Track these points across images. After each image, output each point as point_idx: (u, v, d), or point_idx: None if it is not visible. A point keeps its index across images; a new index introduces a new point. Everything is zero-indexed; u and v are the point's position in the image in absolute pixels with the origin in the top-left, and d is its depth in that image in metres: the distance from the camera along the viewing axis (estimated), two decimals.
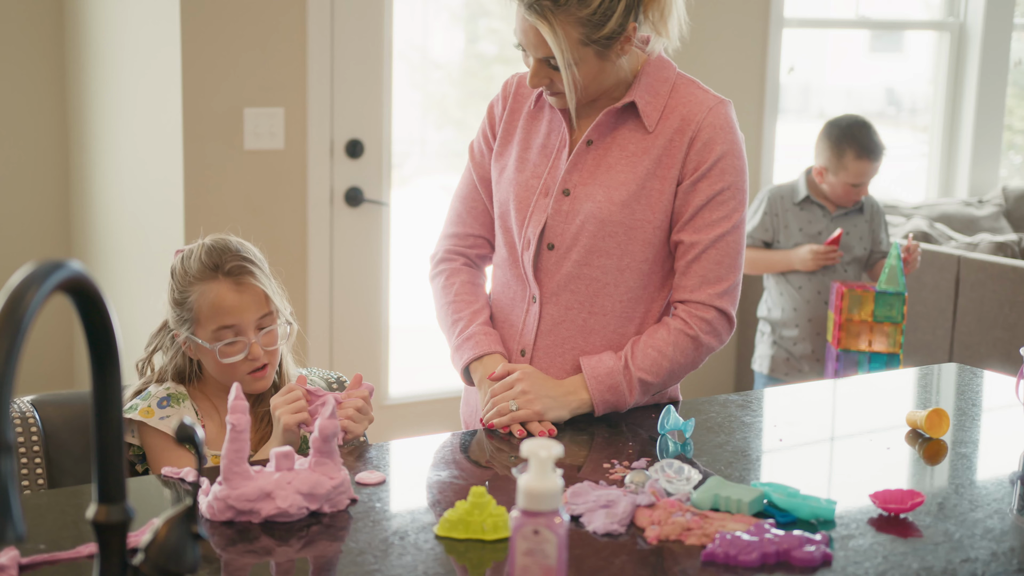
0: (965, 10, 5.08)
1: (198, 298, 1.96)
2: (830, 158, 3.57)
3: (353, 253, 3.82)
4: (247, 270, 1.99)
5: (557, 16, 1.90)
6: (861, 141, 3.55)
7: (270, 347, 2.00)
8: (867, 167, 3.54)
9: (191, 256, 2.00)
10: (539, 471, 1.30)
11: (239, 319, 1.96)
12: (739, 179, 2.03)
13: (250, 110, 3.60)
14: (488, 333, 2.10)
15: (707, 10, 4.32)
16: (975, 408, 2.19)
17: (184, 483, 1.73)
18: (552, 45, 1.91)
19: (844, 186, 3.57)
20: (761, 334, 3.73)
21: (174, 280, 2.01)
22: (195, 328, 1.97)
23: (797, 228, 3.59)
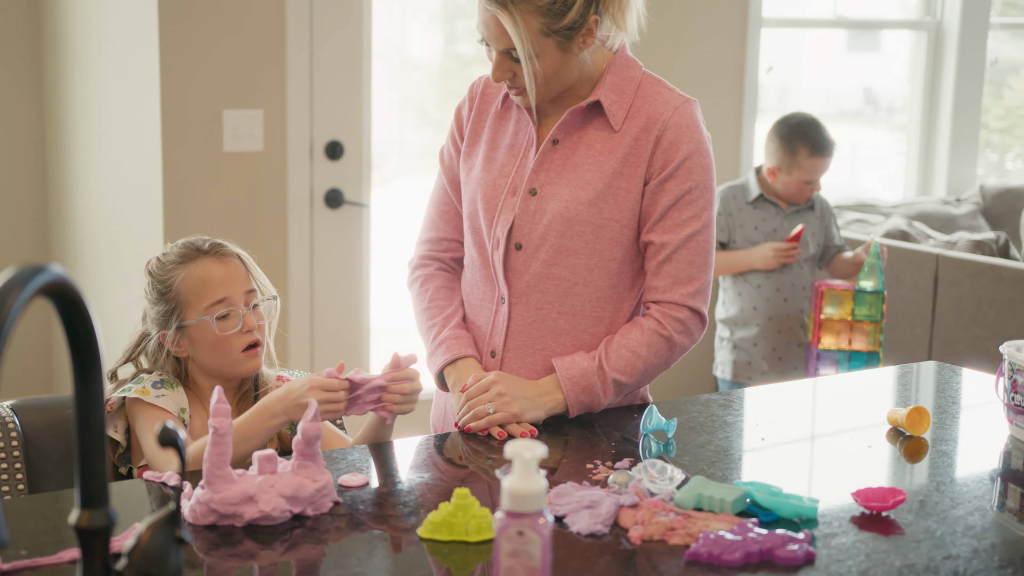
0: (942, 9, 5.11)
1: (183, 280, 1.98)
2: (782, 157, 3.58)
3: (333, 255, 3.81)
4: (225, 246, 2.05)
5: (517, 6, 1.90)
6: (813, 139, 3.56)
7: (260, 321, 2.02)
8: (820, 164, 3.56)
9: (167, 251, 2.05)
10: (523, 472, 1.30)
11: (228, 291, 1.99)
12: (706, 178, 2.03)
13: (229, 112, 3.59)
14: (460, 337, 2.11)
15: (686, 10, 4.33)
16: (955, 406, 2.20)
17: (166, 487, 1.72)
18: (512, 35, 1.91)
19: (798, 184, 3.59)
20: (720, 339, 3.74)
21: (153, 277, 2.02)
22: (184, 313, 1.98)
23: (752, 227, 3.60)
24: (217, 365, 2.00)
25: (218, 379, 2.01)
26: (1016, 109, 5.88)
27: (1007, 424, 2.03)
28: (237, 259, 2.04)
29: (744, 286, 3.62)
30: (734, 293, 3.66)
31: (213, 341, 1.98)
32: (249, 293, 2.02)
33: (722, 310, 3.71)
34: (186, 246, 2.03)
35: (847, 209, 4.62)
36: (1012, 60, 5.77)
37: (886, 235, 4.20)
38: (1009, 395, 2.00)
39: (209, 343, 1.99)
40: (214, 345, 1.98)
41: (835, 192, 4.93)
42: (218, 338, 1.98)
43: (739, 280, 3.63)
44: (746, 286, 3.62)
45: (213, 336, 1.98)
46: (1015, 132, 5.94)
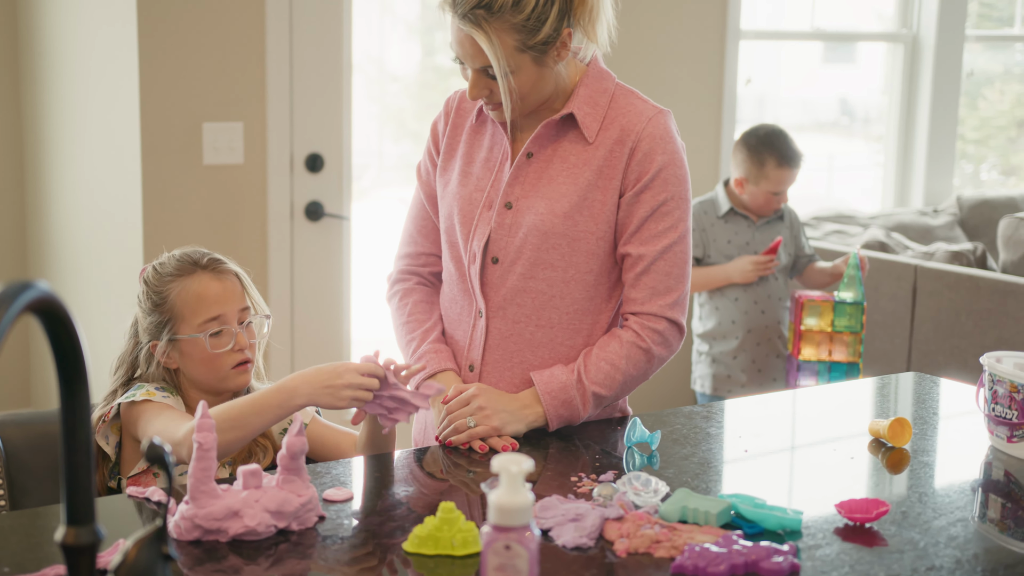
0: (918, 22, 5.15)
1: (179, 294, 1.98)
2: (750, 168, 3.60)
3: (314, 267, 3.81)
4: (224, 263, 2.05)
5: (491, 24, 1.90)
6: (780, 150, 3.58)
7: (252, 339, 2.03)
8: (787, 175, 3.58)
9: (164, 261, 2.04)
10: (510, 486, 1.30)
11: (223, 308, 1.99)
12: (681, 188, 2.03)
13: (209, 125, 3.59)
14: (439, 351, 2.11)
15: (665, 23, 4.35)
16: (935, 416, 2.22)
17: (150, 502, 1.72)
18: (488, 53, 1.91)
19: (765, 195, 3.60)
20: (699, 353, 3.75)
21: (148, 287, 2.02)
22: (177, 326, 1.98)
23: (725, 241, 3.62)
24: (206, 380, 2.01)
25: (206, 393, 2.01)
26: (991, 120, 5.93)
27: (987, 435, 2.04)
28: (234, 276, 2.04)
29: (721, 300, 3.63)
30: (711, 307, 3.67)
31: (204, 357, 1.98)
32: (243, 311, 2.02)
33: (699, 325, 3.72)
34: (184, 259, 2.02)
35: (826, 220, 4.64)
36: (987, 72, 5.81)
37: (865, 246, 4.23)
38: (989, 406, 2.01)
39: (200, 359, 1.99)
40: (204, 361, 1.98)
41: (812, 203, 4.96)
42: (209, 355, 1.98)
43: (716, 294, 3.64)
44: (723, 300, 3.63)
45: (204, 352, 1.98)
46: (990, 143, 5.98)
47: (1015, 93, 5.99)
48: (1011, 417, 1.96)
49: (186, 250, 2.05)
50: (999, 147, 6.05)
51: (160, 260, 2.05)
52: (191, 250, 2.05)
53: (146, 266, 2.06)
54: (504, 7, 1.89)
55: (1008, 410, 1.97)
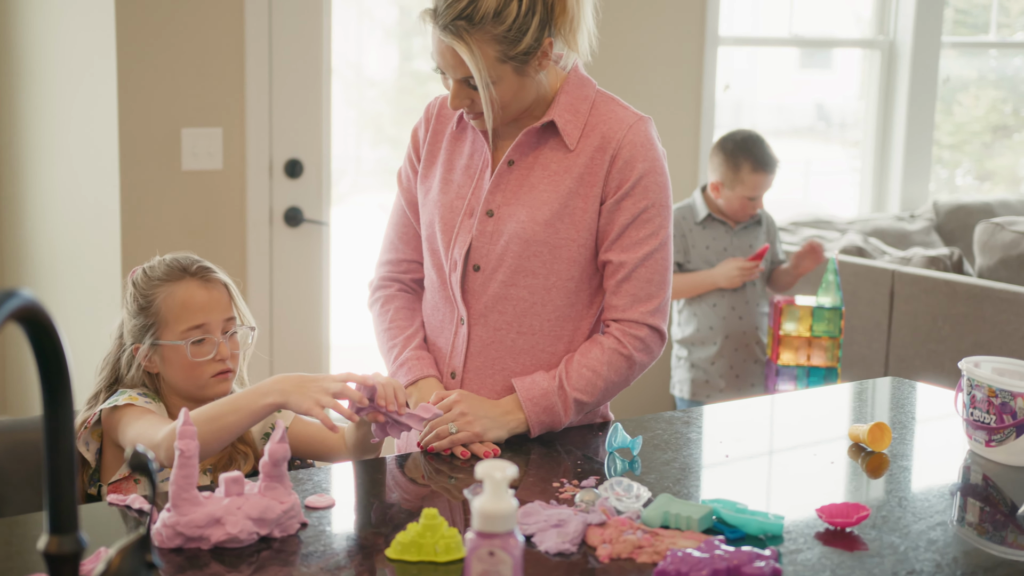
0: (895, 28, 5.18)
1: (165, 299, 1.98)
2: (726, 172, 3.61)
3: (293, 273, 3.80)
4: (213, 272, 2.04)
5: (473, 35, 1.90)
6: (756, 154, 3.59)
7: (235, 351, 2.03)
8: (763, 180, 3.59)
9: (154, 264, 2.04)
10: (494, 493, 1.30)
11: (208, 317, 1.99)
12: (662, 196, 2.04)
13: (188, 130, 3.58)
14: (421, 357, 2.11)
15: (644, 29, 4.36)
16: (914, 421, 2.23)
17: (131, 510, 1.71)
18: (470, 64, 1.91)
19: (740, 199, 3.61)
20: (678, 359, 3.76)
21: (136, 289, 2.02)
22: (160, 331, 1.98)
23: (704, 247, 3.63)
24: (186, 387, 2.01)
25: (186, 400, 2.01)
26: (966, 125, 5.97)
27: (966, 439, 2.06)
28: (222, 286, 2.04)
29: (700, 306, 3.64)
30: (689, 314, 3.68)
31: (185, 364, 1.98)
32: (228, 321, 2.02)
33: (678, 330, 3.73)
34: (173, 264, 2.02)
35: (804, 226, 4.66)
36: (962, 78, 5.85)
37: (843, 251, 4.25)
38: (968, 410, 2.02)
39: (180, 365, 1.99)
40: (185, 368, 1.99)
41: (790, 209, 4.98)
42: (190, 362, 1.98)
43: (695, 300, 3.65)
44: (702, 306, 3.64)
45: (186, 360, 1.98)
46: (965, 148, 6.02)
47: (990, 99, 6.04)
48: (989, 421, 1.98)
49: (177, 256, 2.05)
50: (974, 152, 6.09)
51: (150, 263, 2.05)
52: (182, 256, 2.05)
53: (136, 268, 2.06)
54: (485, 18, 1.89)
55: (986, 414, 1.98)
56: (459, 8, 1.89)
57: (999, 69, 6.07)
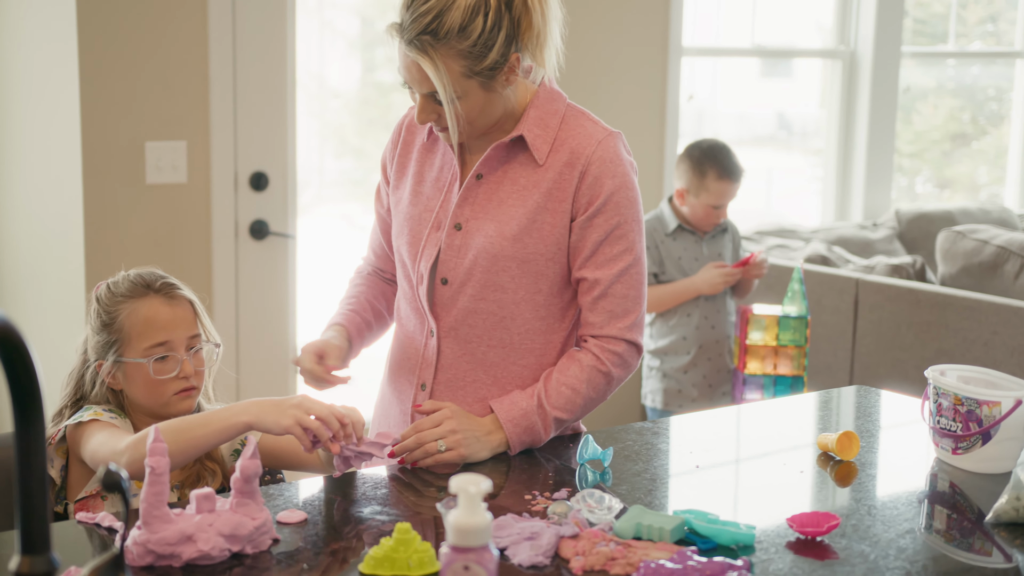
0: (856, 39, 5.22)
1: (128, 315, 1.97)
2: (691, 179, 3.63)
3: (259, 286, 3.78)
4: (178, 287, 2.03)
5: (438, 50, 1.89)
6: (721, 162, 3.62)
7: (199, 368, 2.01)
8: (727, 188, 3.61)
9: (118, 280, 2.02)
10: (468, 506, 1.30)
11: (171, 334, 1.98)
12: (633, 211, 2.04)
13: (152, 143, 3.56)
14: (344, 314, 2.16)
15: (608, 40, 4.38)
16: (880, 429, 2.25)
17: (100, 528, 1.70)
18: (434, 80, 1.91)
19: (705, 207, 3.63)
20: (649, 368, 3.77)
21: (100, 304, 2.00)
22: (124, 349, 1.97)
23: (676, 257, 3.65)
24: (149, 404, 2.00)
25: (149, 417, 1.99)
26: (925, 134, 6.03)
27: (932, 446, 2.08)
28: (187, 303, 2.02)
29: (674, 316, 3.65)
30: (663, 325, 3.69)
31: (148, 382, 1.97)
32: (192, 338, 2.01)
33: (651, 341, 3.74)
34: (137, 280, 2.01)
35: (768, 235, 4.69)
36: (921, 87, 5.91)
37: (807, 260, 4.27)
38: (934, 418, 2.04)
39: (143, 383, 1.97)
40: (148, 385, 1.97)
41: (753, 218, 5.01)
42: (153, 380, 1.97)
43: (668, 311, 3.66)
44: (676, 316, 3.65)
45: (148, 377, 1.97)
46: (924, 156, 6.08)
47: (948, 107, 6.10)
48: (956, 429, 2.00)
49: (142, 271, 2.04)
50: (933, 160, 6.15)
51: (115, 279, 2.03)
52: (146, 272, 2.04)
53: (100, 283, 2.04)
54: (450, 33, 1.89)
55: (952, 422, 2.00)
56: (424, 23, 1.89)
57: (957, 78, 6.14)
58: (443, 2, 1.89)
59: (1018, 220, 5.38)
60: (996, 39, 6.16)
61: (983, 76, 6.20)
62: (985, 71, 6.18)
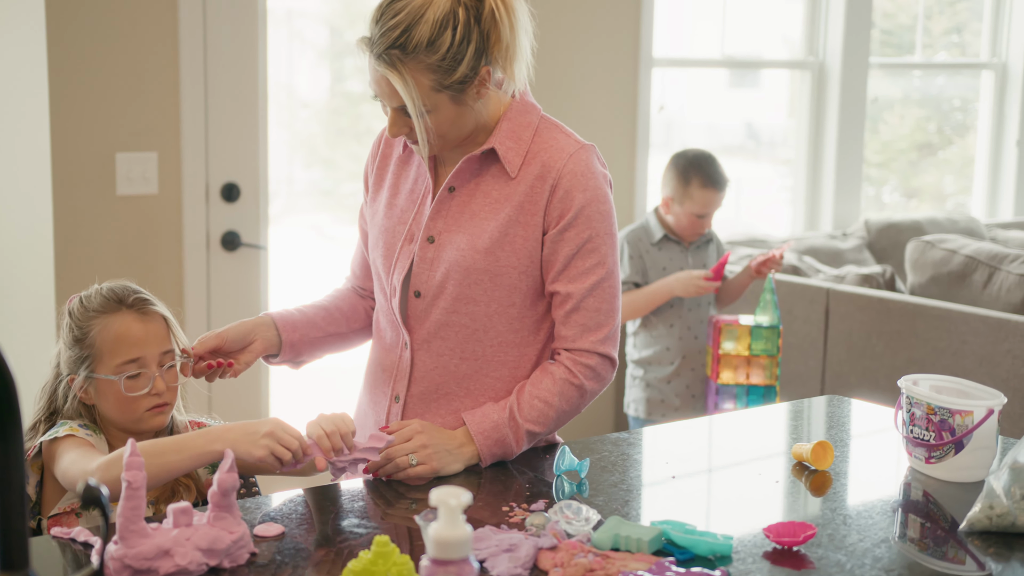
0: (824, 50, 5.26)
1: (100, 331, 1.95)
2: (676, 187, 3.65)
3: (231, 298, 3.77)
4: (151, 302, 2.01)
5: (407, 64, 1.89)
6: (706, 171, 3.64)
7: (172, 384, 2.00)
8: (711, 197, 3.63)
9: (91, 294, 2.00)
10: (449, 519, 1.30)
11: (144, 351, 1.96)
12: (605, 224, 2.04)
13: (122, 155, 3.54)
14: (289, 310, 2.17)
15: (580, 51, 4.39)
16: (852, 438, 2.26)
17: (76, 543, 1.69)
18: (403, 94, 1.91)
19: (689, 216, 3.65)
20: (633, 378, 3.78)
21: (72, 319, 1.98)
22: (95, 365, 1.95)
23: (661, 267, 3.66)
24: (121, 420, 1.98)
25: (122, 432, 1.98)
26: (892, 144, 6.08)
27: (906, 456, 2.09)
28: (160, 318, 2.01)
29: (658, 327, 3.66)
30: (647, 335, 3.69)
31: (119, 398, 1.96)
32: (165, 354, 1.99)
33: (634, 351, 3.74)
34: (110, 295, 1.99)
35: (739, 244, 4.71)
36: (888, 97, 5.96)
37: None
38: (908, 428, 2.06)
39: (115, 399, 1.96)
40: (120, 402, 1.96)
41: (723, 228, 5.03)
42: (125, 396, 1.95)
43: (652, 321, 3.66)
44: (660, 327, 3.66)
45: (120, 393, 1.95)
46: (891, 166, 6.13)
47: (914, 117, 6.15)
48: (929, 439, 2.01)
49: (115, 285, 2.02)
50: (900, 170, 6.20)
51: (88, 292, 2.02)
52: (119, 286, 2.02)
53: (73, 296, 2.03)
54: (419, 47, 1.89)
55: (926, 432, 2.02)
56: (392, 37, 1.89)
57: (923, 88, 6.20)
58: (411, 16, 1.89)
59: (985, 230, 5.43)
60: (961, 50, 6.23)
61: (948, 86, 6.26)
62: (950, 81, 6.25)
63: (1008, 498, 1.77)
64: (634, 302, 3.59)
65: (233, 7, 3.66)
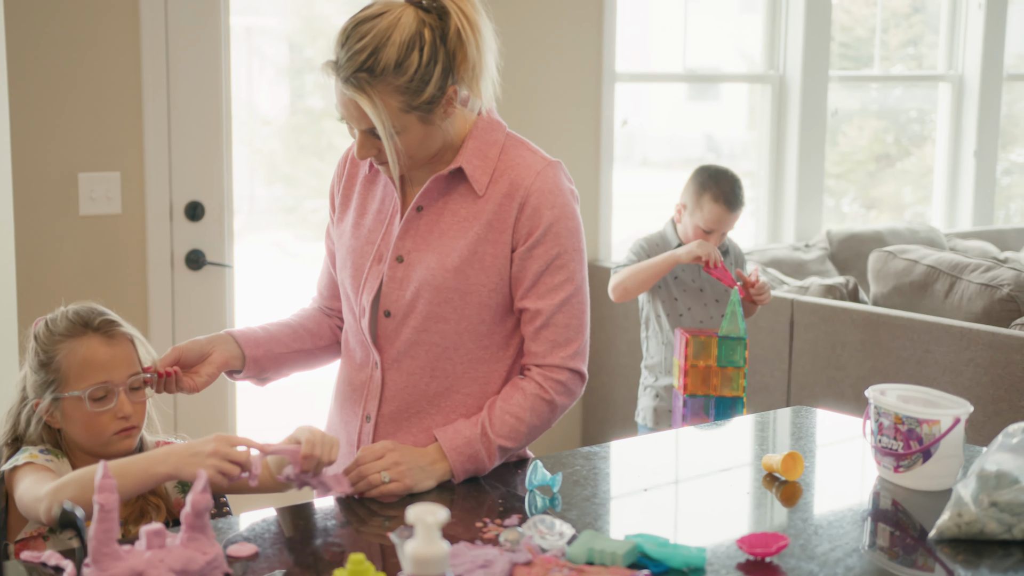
0: (784, 63, 5.31)
1: (66, 356, 1.94)
2: (691, 196, 3.59)
3: (196, 317, 3.75)
4: (117, 324, 1.99)
5: (375, 87, 1.90)
6: (722, 188, 3.57)
7: (139, 402, 1.98)
8: (721, 213, 3.56)
9: (57, 318, 1.98)
10: (426, 536, 1.30)
11: (111, 375, 1.95)
12: (573, 240, 2.05)
13: (84, 175, 3.52)
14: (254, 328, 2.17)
15: (543, 68, 4.41)
16: (820, 448, 2.28)
17: (46, 567, 1.67)
18: (372, 116, 1.91)
19: (696, 229, 3.58)
20: (644, 387, 3.76)
21: (38, 343, 1.97)
22: (62, 388, 1.94)
23: (673, 276, 3.60)
24: (88, 444, 1.97)
25: (90, 456, 1.97)
26: (850, 155, 6.14)
27: (874, 465, 2.11)
28: (127, 341, 1.99)
29: (669, 335, 3.63)
30: (657, 343, 3.67)
31: (85, 420, 1.94)
32: (133, 376, 1.98)
33: (647, 356, 3.72)
34: (75, 319, 1.97)
35: None
36: (846, 109, 6.02)
37: None
38: (876, 437, 2.08)
39: (81, 421, 1.94)
40: (86, 425, 1.94)
41: None
42: (90, 417, 1.94)
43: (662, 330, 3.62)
44: (671, 335, 3.64)
45: (87, 416, 1.94)
46: (850, 177, 6.19)
47: (872, 129, 6.22)
48: (897, 448, 2.03)
49: (80, 309, 2.00)
50: (859, 181, 6.26)
51: (53, 316, 2.00)
52: (85, 309, 2.00)
53: (39, 320, 2.01)
54: (387, 70, 1.89)
55: (894, 441, 2.04)
56: (360, 60, 1.89)
57: (880, 100, 6.26)
58: (378, 39, 1.89)
59: (945, 240, 5.49)
60: (917, 62, 6.30)
61: (905, 98, 6.34)
62: (907, 93, 6.32)
63: (976, 506, 1.79)
64: (637, 273, 3.49)
65: (196, 25, 3.65)
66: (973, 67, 6.04)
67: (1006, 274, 3.78)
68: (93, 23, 3.50)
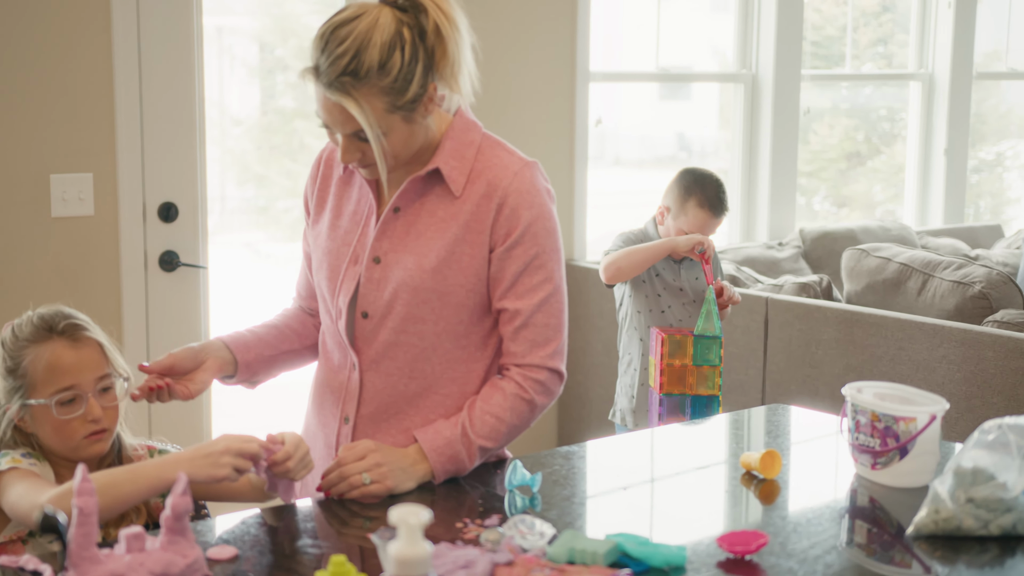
0: (756, 63, 5.33)
1: (32, 360, 1.93)
2: (675, 199, 3.59)
3: (170, 318, 3.73)
4: (83, 327, 1.98)
5: (360, 89, 1.89)
6: (708, 193, 3.56)
7: (109, 405, 1.97)
8: (706, 219, 3.56)
9: (23, 323, 1.97)
10: (409, 538, 1.30)
11: (77, 379, 1.93)
12: (551, 240, 2.06)
13: (57, 176, 3.50)
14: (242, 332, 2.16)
15: (517, 67, 4.41)
16: (796, 445, 2.29)
17: (24, 571, 1.66)
18: (360, 119, 1.90)
19: (679, 233, 3.58)
20: (620, 387, 3.77)
21: (5, 349, 1.96)
22: (30, 394, 1.93)
23: (655, 273, 3.59)
24: (59, 448, 1.96)
25: (63, 460, 1.96)
26: (821, 153, 6.17)
27: (851, 462, 2.12)
28: (94, 343, 1.97)
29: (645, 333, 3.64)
30: (633, 340, 3.67)
31: (55, 426, 1.93)
32: (101, 379, 1.96)
33: (623, 356, 3.72)
34: (40, 323, 1.95)
35: None
36: (818, 108, 6.06)
37: None
38: (853, 435, 2.09)
39: (51, 427, 1.93)
40: (56, 429, 1.93)
41: None
42: (60, 423, 1.93)
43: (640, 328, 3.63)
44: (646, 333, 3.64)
45: (56, 421, 1.92)
46: (821, 175, 6.22)
47: (843, 127, 6.25)
48: (874, 445, 2.04)
49: (46, 312, 1.98)
50: (831, 179, 6.29)
51: (19, 320, 1.99)
52: (51, 313, 1.98)
53: (6, 325, 2.00)
54: (371, 72, 1.89)
55: (871, 439, 2.05)
56: (343, 64, 1.89)
57: (851, 98, 6.30)
58: (359, 42, 1.89)
59: (916, 237, 5.53)
60: (887, 61, 6.34)
61: (875, 96, 6.37)
62: (877, 91, 6.36)
63: (953, 502, 1.80)
64: (633, 254, 3.46)
65: (168, 26, 3.63)
66: (943, 66, 6.08)
67: (978, 271, 3.81)
68: (64, 24, 3.48)
